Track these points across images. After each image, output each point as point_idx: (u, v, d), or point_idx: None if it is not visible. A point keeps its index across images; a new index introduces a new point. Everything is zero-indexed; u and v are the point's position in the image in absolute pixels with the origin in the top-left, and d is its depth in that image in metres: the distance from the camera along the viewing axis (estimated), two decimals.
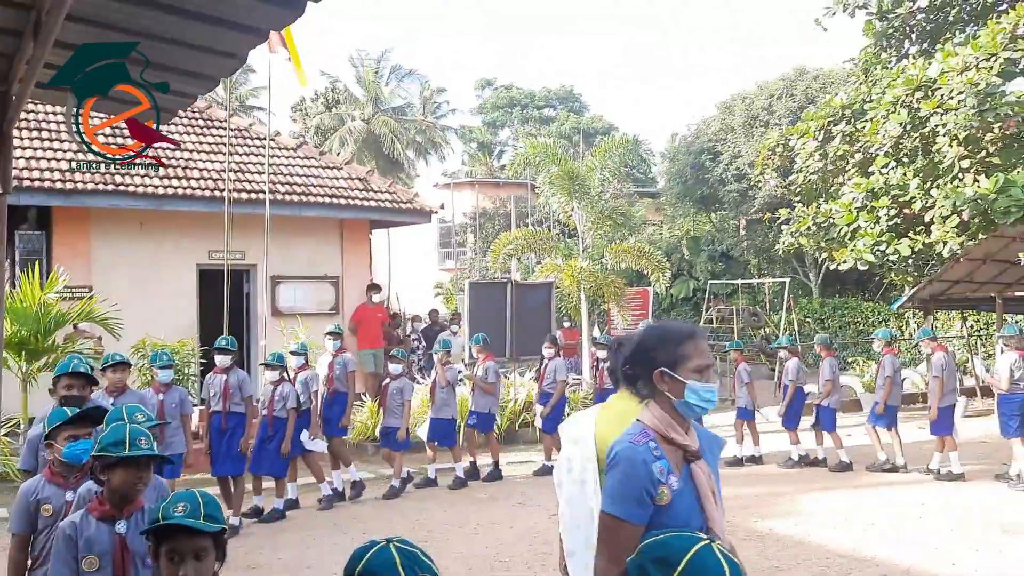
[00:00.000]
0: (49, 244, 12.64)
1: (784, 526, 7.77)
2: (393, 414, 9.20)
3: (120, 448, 3.07)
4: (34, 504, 3.77)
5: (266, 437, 8.31)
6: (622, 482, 2.56)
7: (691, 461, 2.64)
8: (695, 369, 2.63)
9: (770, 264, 24.18)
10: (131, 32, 3.72)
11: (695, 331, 2.74)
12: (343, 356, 9.39)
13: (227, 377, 8.16)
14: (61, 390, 4.85)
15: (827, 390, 10.26)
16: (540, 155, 13.92)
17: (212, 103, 15.86)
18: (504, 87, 46.59)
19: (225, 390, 8.11)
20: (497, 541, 7.42)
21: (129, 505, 3.18)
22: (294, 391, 8.42)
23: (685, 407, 2.65)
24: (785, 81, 23.20)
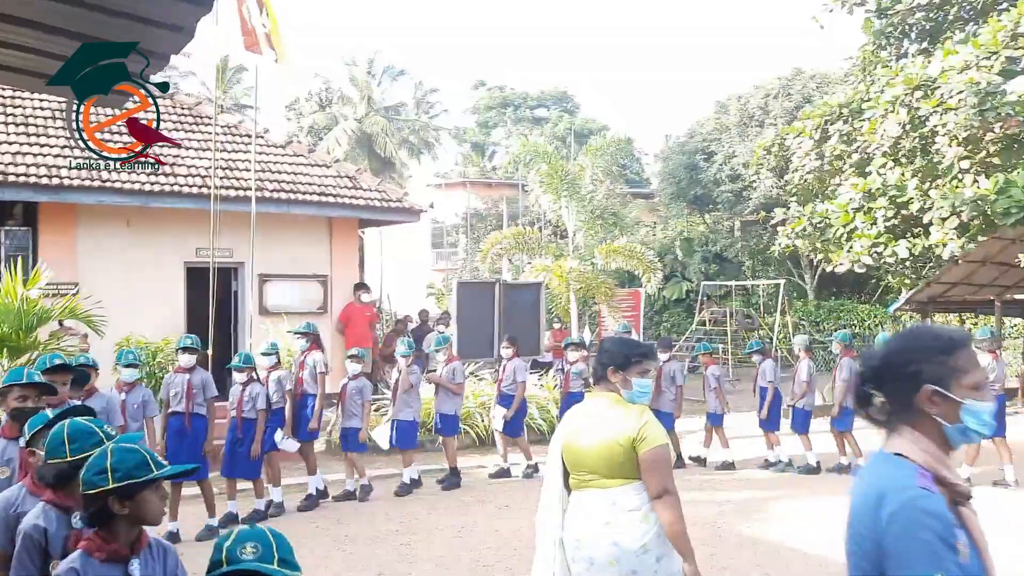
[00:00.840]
0: (35, 240, 12.43)
1: (776, 532, 7.61)
2: (352, 415, 8.93)
3: (145, 470, 2.64)
4: (13, 518, 3.45)
5: (236, 439, 8.05)
6: (933, 551, 1.88)
7: (961, 504, 2.05)
8: (972, 386, 2.07)
9: (765, 266, 24.05)
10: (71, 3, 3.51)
11: (966, 338, 2.20)
12: (313, 356, 9.07)
13: (190, 377, 7.85)
14: (12, 401, 4.35)
15: (802, 391, 10.29)
16: (530, 154, 13.74)
17: (203, 100, 15.66)
18: (497, 87, 46.47)
19: (188, 390, 7.79)
20: (481, 545, 7.25)
21: (138, 540, 2.74)
22: (264, 391, 8.17)
23: (960, 434, 2.08)
24: (781, 80, 23.05)
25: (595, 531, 3.52)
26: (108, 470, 2.61)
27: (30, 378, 4.40)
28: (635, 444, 3.50)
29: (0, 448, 4.26)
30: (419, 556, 6.98)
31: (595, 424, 3.62)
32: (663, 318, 24.76)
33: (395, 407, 9.40)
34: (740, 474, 10.29)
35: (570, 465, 3.70)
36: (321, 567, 6.69)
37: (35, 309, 9.21)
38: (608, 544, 3.48)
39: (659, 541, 3.49)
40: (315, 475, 8.84)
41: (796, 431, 10.44)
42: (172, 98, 15.13)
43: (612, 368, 3.70)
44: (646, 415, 3.60)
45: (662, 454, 3.56)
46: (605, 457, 3.54)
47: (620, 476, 3.53)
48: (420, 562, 6.82)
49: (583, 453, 3.61)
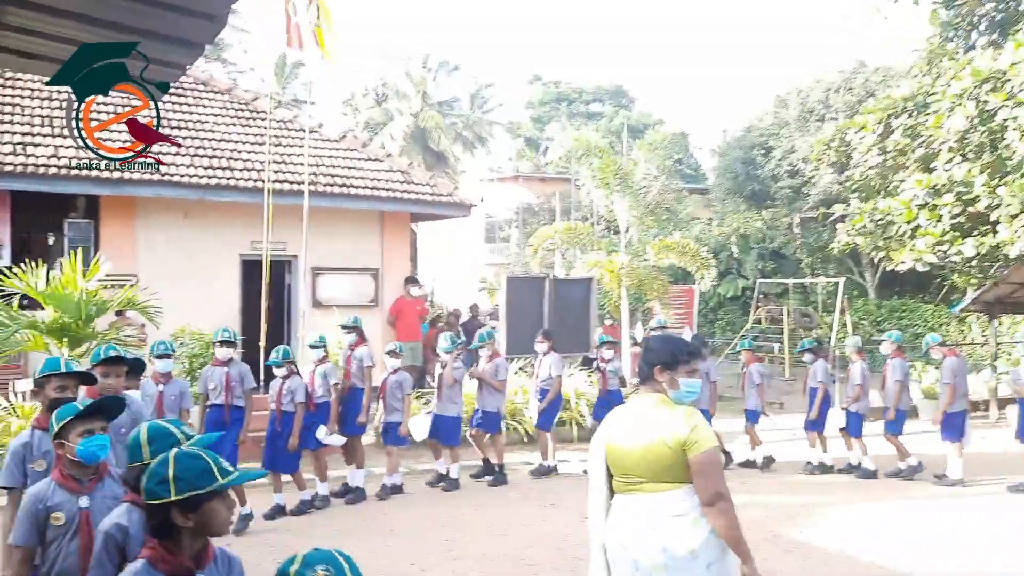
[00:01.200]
0: (97, 232, 12.74)
1: (827, 538, 7.38)
2: (394, 410, 8.86)
3: (209, 479, 2.45)
4: (43, 512, 3.39)
5: (275, 432, 8.05)
6: None
7: None
8: None
9: (824, 264, 23.48)
10: None
11: None
12: (360, 350, 9.07)
13: (228, 369, 7.87)
14: (51, 392, 4.20)
15: (856, 394, 10.02)
16: (582, 149, 13.59)
17: (259, 95, 15.84)
18: (552, 82, 46.29)
19: (227, 383, 7.81)
20: (525, 543, 7.18)
21: (204, 552, 2.57)
22: (303, 385, 8.15)
23: None
24: (843, 74, 22.45)
25: (641, 536, 3.42)
26: (170, 480, 2.43)
27: (68, 368, 4.28)
28: (685, 447, 3.39)
29: (36, 440, 4.16)
30: (462, 553, 6.94)
31: (641, 426, 3.51)
32: (718, 316, 24.38)
33: (439, 402, 9.34)
34: (789, 477, 10.04)
35: (614, 468, 3.59)
36: (363, 560, 6.61)
37: (94, 299, 9.43)
38: (656, 550, 3.38)
39: (708, 548, 3.38)
40: (362, 469, 8.83)
41: (850, 435, 10.16)
42: (229, 93, 15.36)
43: (659, 367, 3.59)
44: (696, 417, 3.49)
45: (714, 458, 3.46)
46: (652, 460, 3.43)
47: (668, 480, 3.43)
48: (463, 559, 6.79)
49: (628, 455, 3.51)
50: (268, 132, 11.39)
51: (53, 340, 9.21)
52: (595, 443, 3.75)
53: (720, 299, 24.34)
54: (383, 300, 14.19)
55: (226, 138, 13.79)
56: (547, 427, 9.92)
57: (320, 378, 8.47)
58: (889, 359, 10.06)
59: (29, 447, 4.12)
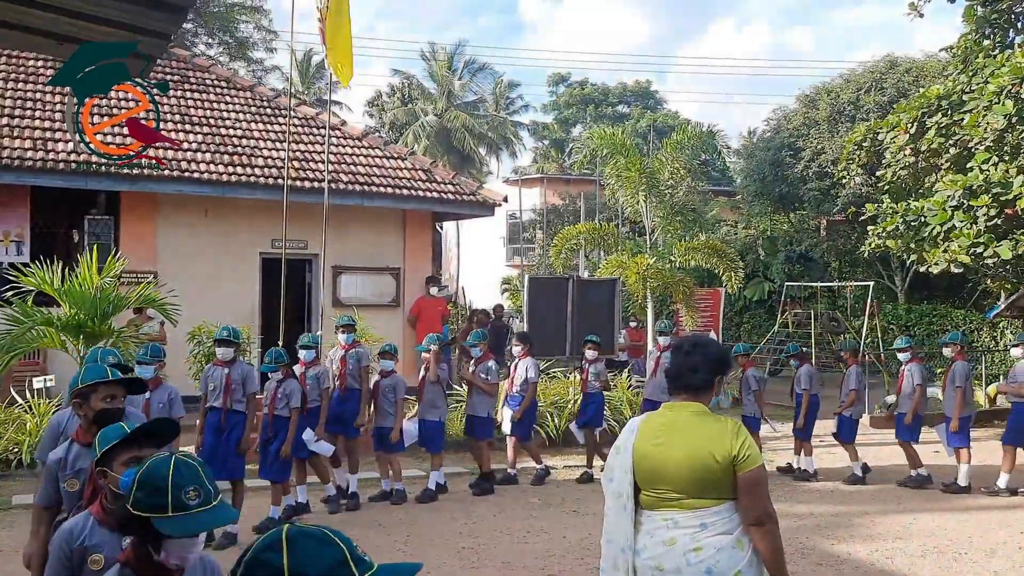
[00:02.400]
0: (117, 229, 12.68)
1: (863, 551, 7.09)
2: (386, 414, 8.47)
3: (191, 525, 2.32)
4: (78, 552, 2.90)
5: (267, 438, 7.61)
6: None
7: None
8: None
9: (853, 267, 23.04)
10: None
11: None
12: (356, 350, 8.71)
13: (229, 371, 7.39)
14: (98, 402, 3.73)
15: (850, 400, 9.90)
16: (607, 146, 13.32)
17: (282, 92, 15.78)
18: (578, 83, 46.04)
19: (227, 385, 7.34)
20: (546, 552, 6.94)
21: None
22: (299, 389, 7.69)
23: None
24: (874, 74, 22.00)
25: (682, 557, 3.18)
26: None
27: (115, 375, 3.83)
28: (735, 463, 3.17)
29: (73, 456, 3.72)
30: (481, 561, 6.73)
31: (682, 437, 3.26)
32: (743, 319, 24.01)
33: (420, 406, 8.84)
34: (823, 486, 9.73)
35: (646, 481, 3.31)
36: None
37: (111, 296, 9.35)
38: (699, 572, 3.15)
39: (751, 569, 3.19)
40: (355, 474, 8.44)
41: (842, 440, 10.00)
42: (252, 90, 15.29)
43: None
44: (743, 431, 3.27)
45: (763, 475, 3.26)
46: (697, 475, 3.19)
47: (712, 496, 3.20)
48: (482, 567, 6.57)
49: (666, 469, 3.25)
50: (288, 129, 11.24)
51: (69, 337, 9.14)
52: (620, 454, 3.47)
53: (746, 302, 23.96)
54: (404, 300, 14.04)
55: (247, 135, 13.72)
56: (527, 435, 9.53)
57: (311, 381, 7.99)
58: (952, 362, 9.72)
59: (63, 463, 3.72)
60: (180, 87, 14.44)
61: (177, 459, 2.34)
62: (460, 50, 39.76)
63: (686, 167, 14.19)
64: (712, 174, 35.09)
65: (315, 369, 8.10)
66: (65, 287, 9.15)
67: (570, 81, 46.82)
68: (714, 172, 35.95)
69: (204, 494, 2.30)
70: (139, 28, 3.41)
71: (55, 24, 3.37)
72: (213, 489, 2.33)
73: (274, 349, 7.94)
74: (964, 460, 9.34)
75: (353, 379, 8.57)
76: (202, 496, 2.29)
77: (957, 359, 9.62)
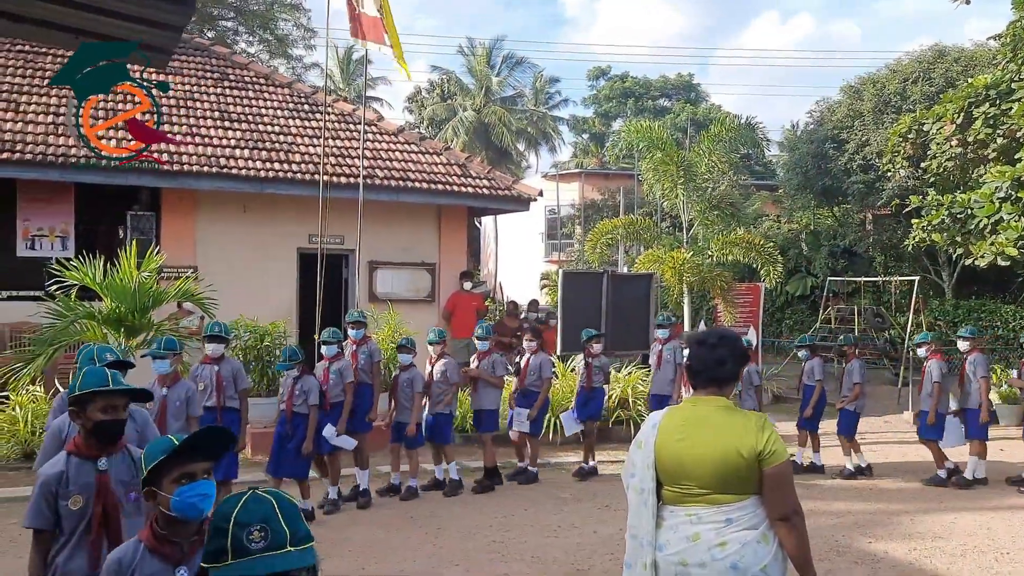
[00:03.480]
0: (159, 225, 12.90)
1: (901, 550, 6.94)
2: (404, 408, 8.44)
3: None
4: None
5: (284, 435, 7.53)
6: None
7: None
8: None
9: (898, 262, 22.51)
10: None
11: None
12: (368, 346, 8.64)
13: (219, 368, 7.24)
14: (96, 413, 3.33)
15: (855, 394, 9.81)
16: (643, 140, 13.18)
17: (319, 89, 15.88)
18: (619, 77, 45.74)
19: (218, 383, 7.19)
20: (576, 546, 6.91)
21: None
22: (317, 385, 7.66)
23: None
24: (922, 64, 21.43)
25: (706, 552, 3.15)
26: None
27: (116, 382, 3.36)
28: (761, 458, 3.14)
29: (73, 470, 3.36)
30: (511, 554, 6.71)
31: (706, 432, 3.23)
32: (785, 314, 23.66)
33: (430, 401, 8.71)
34: (863, 484, 9.53)
35: (669, 476, 3.28)
36: (409, 560, 6.53)
37: (150, 291, 9.50)
38: (725, 567, 3.12)
39: (776, 564, 3.16)
40: (366, 470, 8.33)
41: (842, 434, 9.90)
42: (290, 87, 15.43)
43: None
44: (768, 425, 3.23)
45: (789, 470, 3.24)
46: (723, 470, 3.16)
47: (736, 492, 3.17)
48: (511, 561, 6.56)
49: (690, 464, 3.21)
50: (324, 125, 11.32)
51: (110, 330, 9.31)
52: (642, 449, 3.42)
53: (788, 297, 23.60)
54: (439, 295, 14.07)
55: (285, 131, 13.84)
56: (539, 431, 9.40)
57: (335, 376, 7.97)
58: (927, 361, 9.69)
59: (64, 479, 3.35)
60: (220, 84, 14.63)
61: (253, 495, 1.95)
62: (498, 45, 39.77)
63: (725, 160, 13.98)
64: (755, 168, 34.61)
65: (338, 364, 8.07)
66: (106, 281, 9.32)
67: (610, 75, 46.53)
68: (757, 166, 35.45)
69: (273, 535, 1.88)
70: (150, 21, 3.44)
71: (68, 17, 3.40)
72: (290, 530, 1.90)
73: (288, 346, 7.91)
74: (976, 452, 9.36)
75: (365, 374, 8.51)
76: (269, 538, 1.88)
77: (933, 358, 9.59)
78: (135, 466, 3.34)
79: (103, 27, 3.51)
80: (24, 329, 10.90)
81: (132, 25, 3.54)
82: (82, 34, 3.50)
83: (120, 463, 3.42)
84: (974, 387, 9.40)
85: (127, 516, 3.40)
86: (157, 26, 3.57)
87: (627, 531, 3.43)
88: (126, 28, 3.55)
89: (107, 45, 3.55)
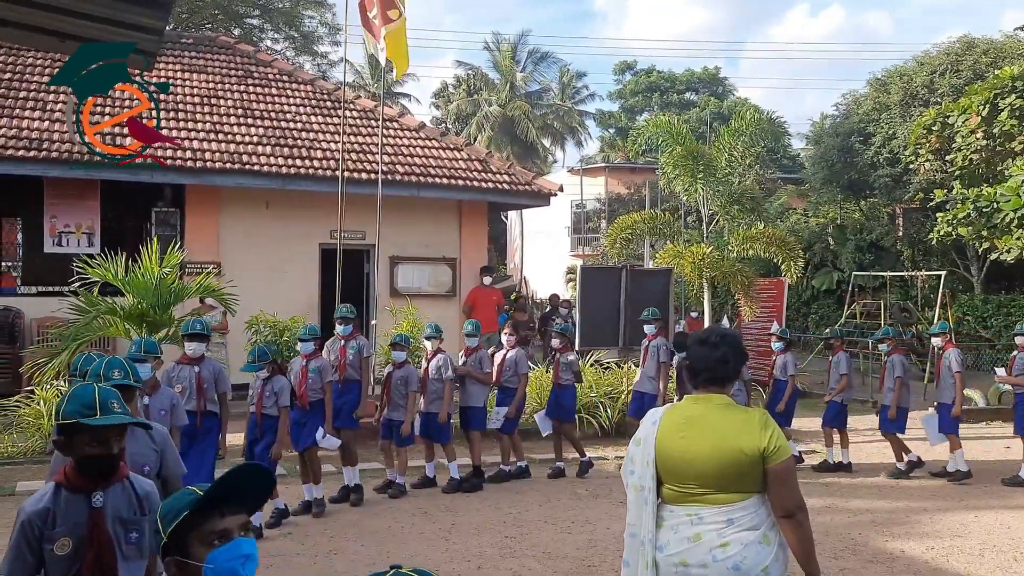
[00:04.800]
0: (182, 222, 13.07)
1: (918, 548, 6.86)
2: (397, 406, 8.20)
3: None
4: None
5: (254, 439, 7.17)
6: None
7: None
8: None
9: (926, 256, 22.23)
10: None
11: None
12: (356, 340, 8.41)
13: (199, 369, 6.76)
14: (83, 447, 2.72)
15: (842, 385, 9.86)
16: (663, 134, 13.11)
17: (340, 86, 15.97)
18: (644, 71, 45.49)
19: (198, 385, 6.70)
20: (589, 543, 6.91)
21: None
22: (288, 386, 7.26)
23: None
24: (950, 55, 21.10)
25: (708, 553, 3.14)
26: None
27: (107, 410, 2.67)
28: (764, 455, 3.12)
29: (61, 506, 2.77)
30: (523, 550, 6.73)
31: (707, 430, 3.21)
32: (811, 309, 23.44)
33: (426, 398, 8.50)
34: (883, 482, 9.43)
35: (669, 475, 3.27)
36: (421, 555, 6.57)
37: (171, 286, 9.63)
38: (727, 568, 3.10)
39: (778, 563, 3.15)
40: (354, 467, 8.08)
41: (827, 425, 9.92)
42: (313, 84, 15.54)
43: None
44: (771, 423, 3.22)
45: (792, 466, 3.22)
46: (725, 469, 3.14)
47: (738, 490, 3.15)
48: (522, 557, 6.58)
49: (691, 462, 3.20)
50: (343, 121, 11.40)
51: (132, 325, 9.45)
52: (641, 447, 3.40)
53: (814, 292, 23.38)
54: (460, 290, 14.12)
55: (307, 128, 13.95)
56: (513, 429, 9.11)
57: (313, 374, 7.63)
58: (887, 355, 9.83)
59: (49, 517, 2.75)
60: (243, 82, 14.77)
61: None
62: (523, 40, 39.71)
63: (746, 154, 13.86)
64: (781, 161, 34.27)
65: (316, 362, 7.75)
66: (128, 277, 9.46)
67: (636, 69, 46.28)
68: (784, 159, 35.10)
69: None
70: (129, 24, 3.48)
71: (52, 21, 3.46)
72: None
73: (258, 346, 7.55)
74: (899, 446, 9.55)
75: (353, 370, 8.30)
76: None
77: (895, 353, 9.69)
78: (139, 501, 2.87)
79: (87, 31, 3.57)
80: (50, 324, 11.11)
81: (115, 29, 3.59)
82: (67, 38, 3.56)
83: (119, 496, 2.83)
84: (948, 382, 9.42)
85: (126, 560, 2.82)
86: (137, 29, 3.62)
87: (626, 529, 3.42)
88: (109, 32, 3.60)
89: (107, 45, 3.60)
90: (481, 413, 8.95)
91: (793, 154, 36.98)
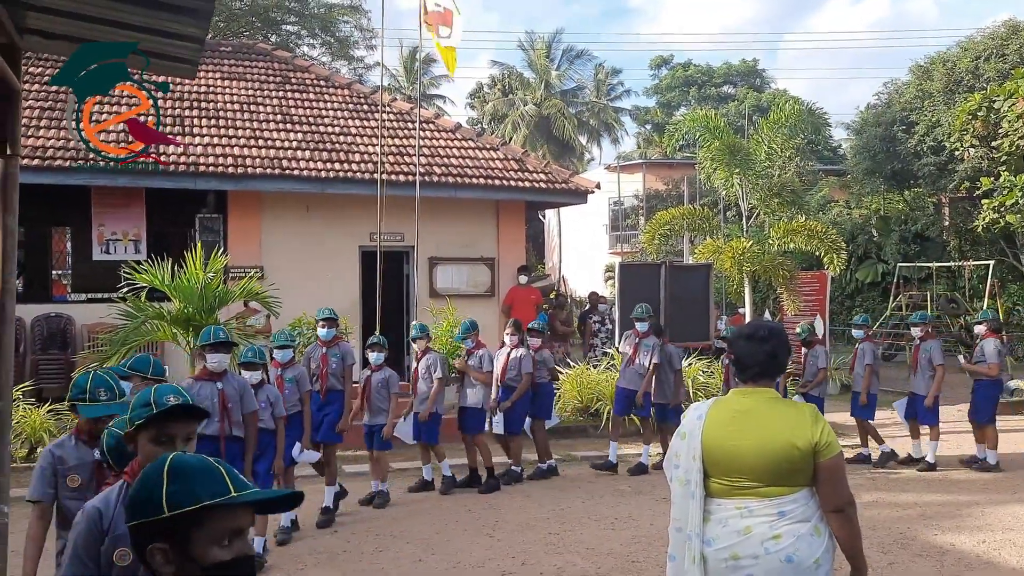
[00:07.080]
0: (225, 227, 13.29)
1: (969, 542, 6.74)
2: (380, 411, 7.83)
3: None
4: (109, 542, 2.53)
5: (256, 455, 6.36)
6: None
7: None
8: None
9: (974, 246, 21.74)
10: None
11: None
12: (340, 347, 7.84)
13: (222, 386, 5.88)
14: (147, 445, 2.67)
15: (819, 378, 9.89)
16: (700, 128, 13.01)
17: (377, 88, 16.12)
18: (681, 65, 45.16)
19: (222, 404, 5.83)
20: (632, 539, 6.91)
21: None
22: (280, 396, 6.63)
23: None
24: (995, 40, 20.60)
25: (760, 545, 3.13)
26: None
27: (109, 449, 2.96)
28: (816, 450, 3.13)
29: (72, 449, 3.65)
30: (567, 546, 6.75)
31: (757, 424, 3.21)
32: (855, 302, 23.07)
33: (416, 398, 8.33)
34: (932, 475, 9.27)
35: (717, 469, 3.26)
36: (465, 552, 6.62)
37: (215, 291, 9.80)
38: (778, 560, 3.10)
39: (827, 556, 3.17)
40: (333, 485, 7.58)
41: None
42: (350, 88, 15.69)
43: None
44: (821, 418, 3.22)
45: (843, 462, 3.25)
46: (776, 462, 3.14)
47: (789, 484, 3.16)
48: (567, 553, 6.59)
49: (740, 456, 3.19)
50: (380, 124, 11.50)
51: (179, 330, 9.64)
52: (687, 441, 3.39)
53: (858, 284, 23.02)
54: (499, 289, 14.16)
55: (345, 132, 14.10)
56: (518, 429, 8.92)
57: (290, 384, 7.01)
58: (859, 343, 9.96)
59: (63, 456, 3.68)
60: (282, 88, 14.98)
61: None
62: (558, 38, 39.68)
63: (786, 146, 13.70)
64: (823, 153, 33.79)
65: (293, 371, 7.16)
66: (174, 283, 9.65)
67: (672, 63, 45.96)
68: (825, 151, 34.60)
69: None
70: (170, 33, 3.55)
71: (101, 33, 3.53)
72: None
73: (251, 346, 6.81)
74: (871, 432, 9.76)
75: (336, 379, 7.71)
76: None
77: (865, 341, 9.87)
78: None
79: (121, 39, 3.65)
80: (99, 330, 11.37)
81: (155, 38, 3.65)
82: None
83: None
84: (927, 374, 9.40)
85: None
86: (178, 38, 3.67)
87: (671, 524, 3.42)
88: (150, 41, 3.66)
89: (107, 45, 3.66)
90: (478, 415, 8.67)
91: (834, 145, 36.44)
